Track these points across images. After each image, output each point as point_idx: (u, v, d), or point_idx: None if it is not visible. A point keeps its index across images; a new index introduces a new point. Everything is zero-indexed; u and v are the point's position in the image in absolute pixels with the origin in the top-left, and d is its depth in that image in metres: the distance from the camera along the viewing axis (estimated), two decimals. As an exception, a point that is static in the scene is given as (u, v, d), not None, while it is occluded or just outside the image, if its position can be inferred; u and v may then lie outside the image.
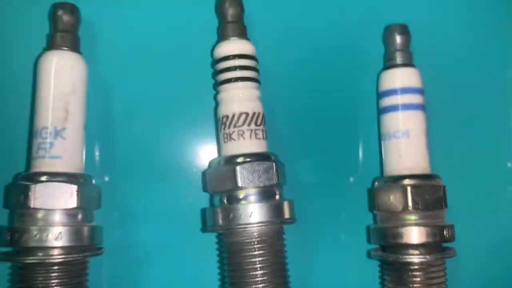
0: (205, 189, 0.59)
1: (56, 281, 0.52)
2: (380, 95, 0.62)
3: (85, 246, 0.54)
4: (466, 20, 0.69)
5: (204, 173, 0.59)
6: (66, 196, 0.52)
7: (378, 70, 0.63)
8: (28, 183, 0.52)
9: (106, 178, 0.61)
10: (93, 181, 0.56)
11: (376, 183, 0.61)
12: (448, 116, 0.67)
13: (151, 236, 0.60)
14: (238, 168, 0.54)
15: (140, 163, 0.61)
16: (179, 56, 0.62)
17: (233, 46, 0.58)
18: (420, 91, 0.61)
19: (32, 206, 0.51)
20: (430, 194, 0.57)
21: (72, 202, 0.52)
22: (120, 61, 0.62)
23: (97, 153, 0.61)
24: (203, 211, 0.59)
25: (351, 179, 0.66)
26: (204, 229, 0.59)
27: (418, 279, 0.57)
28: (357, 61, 0.66)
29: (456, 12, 0.68)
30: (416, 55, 0.63)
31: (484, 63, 0.69)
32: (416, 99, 0.61)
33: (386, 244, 0.59)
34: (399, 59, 0.62)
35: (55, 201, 0.52)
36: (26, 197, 0.51)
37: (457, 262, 0.64)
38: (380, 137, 0.62)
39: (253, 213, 0.53)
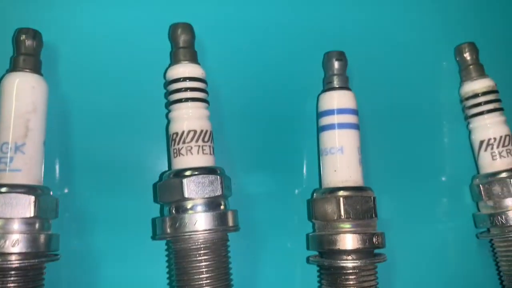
0: (156, 200, 0.63)
1: (13, 285, 0.55)
2: (319, 114, 0.68)
3: (42, 252, 0.57)
4: (399, 46, 0.76)
5: (155, 185, 0.64)
6: (24, 206, 0.56)
7: (319, 92, 0.69)
8: (-11, 194, 0.56)
9: (66, 190, 0.65)
10: (51, 192, 0.60)
11: (314, 194, 0.67)
12: (384, 133, 0.74)
13: (106, 244, 0.64)
14: (185, 180, 0.59)
15: (97, 176, 0.65)
16: (134, 77, 0.67)
17: (184, 69, 0.63)
18: (354, 111, 0.67)
19: (-8, 215, 0.55)
20: (361, 204, 0.63)
21: (30, 212, 0.56)
22: (79, 81, 0.66)
23: (57, 167, 0.65)
24: (153, 220, 0.64)
25: (296, 191, 0.72)
26: (154, 237, 0.63)
27: (351, 282, 0.62)
28: (301, 83, 0.72)
29: (390, 38, 0.75)
30: (353, 79, 0.70)
31: (418, 85, 0.76)
32: (350, 118, 0.67)
33: (323, 250, 0.64)
34: (336, 82, 0.68)
35: (13, 210, 0.56)
36: (-13, 207, 0.56)
37: (395, 268, 0.71)
38: (319, 153, 0.68)
39: (197, 222, 0.58)
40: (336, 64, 0.69)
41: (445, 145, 0.77)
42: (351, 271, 0.62)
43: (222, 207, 0.61)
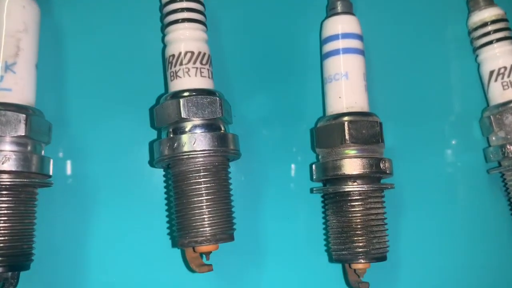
0: (153, 125, 0.61)
1: (4, 205, 0.53)
2: (323, 41, 0.66)
3: (34, 173, 0.55)
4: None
5: (152, 109, 0.61)
6: (15, 124, 0.54)
7: (322, 18, 0.66)
8: (-22, 112, 0.54)
9: (61, 118, 0.62)
10: (44, 114, 0.58)
11: (318, 122, 0.64)
12: (390, 62, 0.71)
13: (101, 171, 0.61)
14: (182, 100, 0.57)
15: (92, 103, 0.63)
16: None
17: (179, -13, 0.61)
18: (359, 36, 0.65)
19: (-20, 133, 0.53)
20: (366, 129, 0.60)
21: (21, 130, 0.54)
22: (73, 5, 0.64)
23: (52, 93, 0.63)
24: (150, 144, 0.61)
25: (301, 123, 0.68)
26: (151, 162, 0.61)
27: (357, 209, 0.60)
28: (304, 9, 0.69)
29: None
30: (357, 5, 0.67)
31: (424, 17, 0.73)
32: (355, 44, 0.64)
33: (327, 177, 0.62)
34: (340, 7, 0.66)
35: (4, 128, 0.53)
36: (-23, 124, 0.53)
37: (402, 201, 0.68)
38: (323, 81, 0.66)
39: (196, 141, 0.56)
40: (340, -11, 0.66)
41: (453, 79, 0.74)
42: (357, 197, 0.60)
43: (222, 130, 0.59)
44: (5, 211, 0.53)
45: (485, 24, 0.70)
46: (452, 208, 0.70)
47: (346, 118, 0.61)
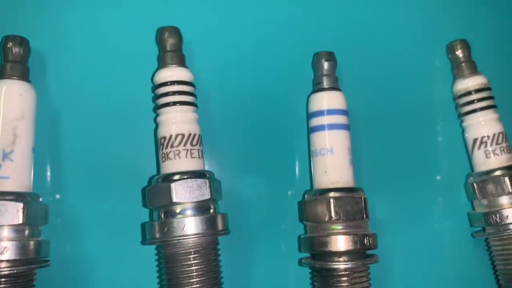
0: (145, 204, 0.63)
1: (3, 292, 0.56)
2: (309, 115, 0.68)
3: (31, 259, 0.57)
4: (390, 45, 0.75)
5: (144, 189, 0.63)
6: (13, 213, 0.56)
7: (309, 93, 0.69)
8: (-23, 201, 0.56)
9: (57, 196, 0.65)
10: (40, 199, 0.60)
11: (305, 196, 0.67)
12: (377, 133, 0.73)
13: (97, 249, 0.64)
14: (173, 185, 0.59)
15: (87, 182, 0.65)
16: (122, 82, 0.67)
17: (172, 72, 0.63)
18: (344, 112, 0.67)
19: (-20, 223, 0.56)
20: (351, 205, 0.63)
21: (18, 219, 0.56)
22: (68, 87, 0.66)
23: (48, 173, 0.65)
24: (142, 225, 0.64)
25: (289, 192, 0.71)
26: (143, 241, 0.63)
27: (343, 284, 0.62)
28: (291, 85, 0.71)
29: (380, 37, 0.75)
30: (343, 79, 0.70)
31: (410, 83, 0.76)
32: (340, 119, 0.66)
33: (315, 252, 0.64)
34: (325, 83, 0.68)
35: (2, 218, 0.56)
36: (-24, 215, 0.56)
37: (390, 269, 0.70)
38: (309, 154, 0.68)
39: (186, 226, 0.58)
40: (325, 65, 0.68)
41: (439, 143, 0.76)
42: (343, 272, 0.62)
43: (211, 210, 0.61)
44: (5, 297, 0.56)
45: (469, 93, 0.72)
46: (438, 273, 0.72)
47: (331, 194, 0.63)
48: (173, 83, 0.63)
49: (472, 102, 0.71)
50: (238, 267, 0.67)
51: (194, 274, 0.59)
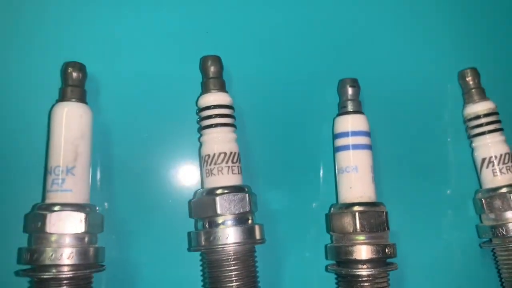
0: (190, 215, 0.70)
1: (66, 293, 0.63)
2: (335, 136, 0.75)
3: (91, 264, 0.64)
4: (408, 71, 0.83)
5: (189, 202, 0.71)
6: (76, 223, 0.63)
7: (334, 116, 0.76)
8: (45, 212, 0.62)
9: (106, 205, 0.72)
10: (97, 209, 0.68)
11: (332, 209, 0.74)
12: (395, 152, 0.81)
13: (144, 255, 0.71)
14: (217, 198, 0.66)
15: (136, 194, 0.72)
16: (169, 105, 0.74)
17: (214, 97, 0.70)
18: (367, 133, 0.74)
19: (48, 231, 0.62)
20: (374, 218, 0.70)
21: (81, 228, 0.63)
22: (119, 109, 0.74)
23: (98, 184, 0.72)
24: (188, 234, 0.71)
25: (314, 204, 0.78)
26: (189, 249, 0.70)
27: (366, 289, 0.70)
28: (317, 108, 0.79)
29: (398, 64, 0.83)
30: (366, 103, 0.77)
31: (425, 106, 0.83)
32: (364, 140, 0.74)
33: (340, 260, 0.71)
34: (350, 107, 0.75)
35: (66, 226, 0.63)
36: (43, 223, 0.62)
37: (405, 276, 0.77)
38: (335, 171, 0.75)
39: (229, 236, 0.65)
40: (350, 90, 0.75)
41: (450, 161, 0.83)
42: (366, 278, 0.69)
43: (249, 221, 0.68)
44: (68, 298, 0.63)
45: (478, 117, 0.79)
46: (448, 279, 0.79)
47: (356, 208, 0.70)
48: (215, 106, 0.70)
49: (481, 125, 0.78)
50: (269, 273, 0.73)
51: (234, 278, 0.66)
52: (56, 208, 0.63)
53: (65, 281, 0.62)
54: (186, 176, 0.74)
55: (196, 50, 0.74)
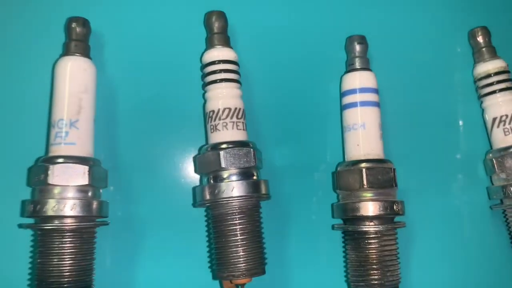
0: (195, 171, 0.70)
1: (69, 245, 0.62)
2: (342, 94, 0.74)
3: (94, 216, 0.64)
4: (416, 30, 0.81)
5: (194, 157, 0.70)
6: (79, 175, 0.63)
7: (341, 73, 0.75)
8: (48, 164, 0.62)
9: (111, 165, 0.72)
10: (101, 163, 0.67)
11: (338, 167, 0.73)
12: (403, 111, 0.79)
13: (150, 212, 0.70)
14: (222, 152, 0.65)
15: (141, 153, 0.72)
16: (173, 61, 0.73)
17: (218, 53, 0.69)
18: (375, 90, 0.73)
19: (51, 183, 0.62)
20: (382, 175, 0.68)
21: (84, 180, 0.63)
22: (123, 65, 0.73)
23: (102, 143, 0.72)
24: (193, 189, 0.70)
25: (321, 166, 0.77)
26: (194, 204, 0.70)
27: (373, 246, 0.68)
28: (324, 66, 0.77)
29: (407, 24, 0.81)
30: (373, 61, 0.75)
31: (434, 68, 0.81)
32: (372, 97, 0.72)
33: (347, 217, 0.70)
34: (358, 64, 0.74)
35: (70, 178, 0.62)
36: (46, 175, 0.61)
37: (413, 236, 0.76)
38: (342, 130, 0.74)
39: (234, 189, 0.64)
40: (357, 47, 0.74)
41: (459, 124, 0.81)
42: (373, 235, 0.68)
43: (254, 177, 0.67)
44: (71, 250, 0.62)
45: (489, 75, 0.77)
46: (458, 241, 0.77)
47: (363, 165, 0.69)
48: (220, 62, 0.69)
49: (491, 84, 0.77)
50: (274, 230, 0.72)
51: (239, 232, 0.65)
52: (60, 160, 0.63)
53: (68, 233, 0.62)
54: (192, 134, 0.73)
55: (201, 7, 0.73)
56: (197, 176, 0.71)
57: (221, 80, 0.69)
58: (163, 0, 0.75)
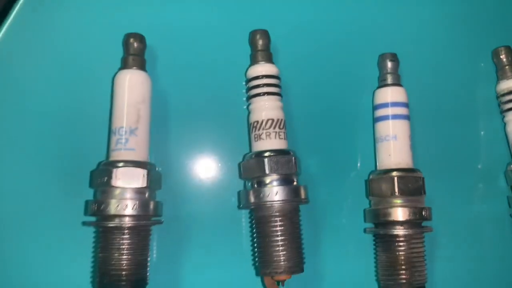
0: (240, 176, 0.76)
1: (128, 241, 0.68)
2: (375, 107, 0.80)
3: (150, 216, 0.70)
4: (443, 48, 0.87)
5: (239, 164, 0.76)
6: (139, 178, 0.69)
7: (374, 88, 0.81)
8: (110, 167, 0.69)
9: (159, 169, 0.78)
10: (157, 168, 0.74)
11: (371, 175, 0.78)
12: (430, 124, 0.85)
13: (198, 212, 0.76)
14: (266, 160, 0.71)
15: (189, 157, 0.78)
16: (221, 76, 0.80)
17: (262, 68, 0.76)
18: (405, 104, 0.79)
19: (113, 185, 0.68)
20: (412, 183, 0.74)
21: (143, 183, 0.69)
22: (174, 78, 0.80)
23: (154, 147, 0.78)
24: (238, 192, 0.76)
25: (352, 174, 0.83)
26: (239, 206, 0.76)
27: (402, 248, 0.73)
28: (358, 81, 0.83)
29: (435, 42, 0.87)
30: (404, 77, 0.81)
31: (459, 83, 0.86)
32: (402, 111, 0.78)
33: (378, 222, 0.76)
34: (389, 80, 0.79)
35: (130, 181, 0.69)
36: (109, 178, 0.68)
37: (436, 241, 0.82)
38: (374, 141, 0.80)
39: (277, 193, 0.71)
40: (389, 64, 0.80)
41: (481, 137, 0.87)
42: (402, 238, 0.74)
43: (295, 182, 0.74)
44: (130, 246, 0.68)
45: (510, 92, 0.83)
46: (479, 246, 0.83)
47: (395, 174, 0.75)
48: (263, 76, 0.75)
49: (514, 100, 0.83)
50: (309, 231, 0.78)
51: (280, 233, 0.71)
52: (121, 164, 0.69)
53: (127, 230, 0.68)
54: (236, 142, 0.79)
55: (245, 25, 0.79)
56: (241, 181, 0.77)
57: (264, 94, 0.75)
58: (210, 21, 0.82)
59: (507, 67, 0.84)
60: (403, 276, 0.73)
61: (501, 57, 0.85)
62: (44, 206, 0.75)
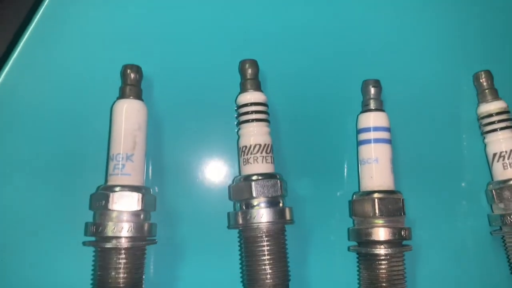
0: (229, 198, 0.81)
1: (124, 261, 0.73)
2: (358, 131, 0.84)
3: (145, 237, 0.75)
4: (425, 73, 0.91)
5: (229, 186, 0.81)
6: (134, 201, 0.74)
7: (358, 113, 0.85)
8: (108, 192, 0.74)
9: (156, 189, 0.83)
10: (151, 191, 0.79)
11: (354, 196, 0.83)
12: (413, 147, 0.89)
13: (189, 233, 0.81)
14: (253, 183, 0.76)
15: (182, 179, 0.83)
16: (211, 103, 0.85)
17: (250, 96, 0.80)
18: (387, 129, 0.83)
19: (110, 208, 0.73)
20: (392, 204, 0.78)
21: (138, 206, 0.74)
22: (171, 105, 0.85)
23: (150, 170, 0.84)
24: (228, 214, 0.81)
25: (338, 193, 0.87)
26: (229, 226, 0.81)
27: (383, 266, 0.77)
28: (342, 106, 0.88)
29: (417, 67, 0.91)
30: (386, 102, 0.86)
31: (442, 106, 0.91)
32: (384, 135, 0.82)
33: (360, 241, 0.80)
34: (372, 105, 0.84)
35: (126, 204, 0.74)
36: (107, 202, 0.73)
37: (419, 258, 0.86)
38: (358, 163, 0.84)
39: (263, 215, 0.75)
40: (372, 90, 0.84)
41: (465, 156, 0.91)
42: (383, 257, 0.78)
43: (281, 204, 0.78)
44: (126, 265, 0.73)
45: (490, 115, 0.86)
46: (461, 263, 0.87)
47: (376, 195, 0.79)
48: (252, 104, 0.80)
49: (493, 122, 0.86)
50: (296, 252, 0.82)
51: (266, 253, 0.76)
52: (117, 189, 0.74)
53: (123, 251, 0.73)
54: (227, 166, 0.84)
55: (234, 54, 0.85)
56: (231, 203, 0.82)
57: (253, 120, 0.80)
58: (202, 50, 0.87)
59: (486, 90, 0.88)
60: (384, 293, 0.78)
61: (481, 80, 0.89)
62: (45, 225, 0.80)
